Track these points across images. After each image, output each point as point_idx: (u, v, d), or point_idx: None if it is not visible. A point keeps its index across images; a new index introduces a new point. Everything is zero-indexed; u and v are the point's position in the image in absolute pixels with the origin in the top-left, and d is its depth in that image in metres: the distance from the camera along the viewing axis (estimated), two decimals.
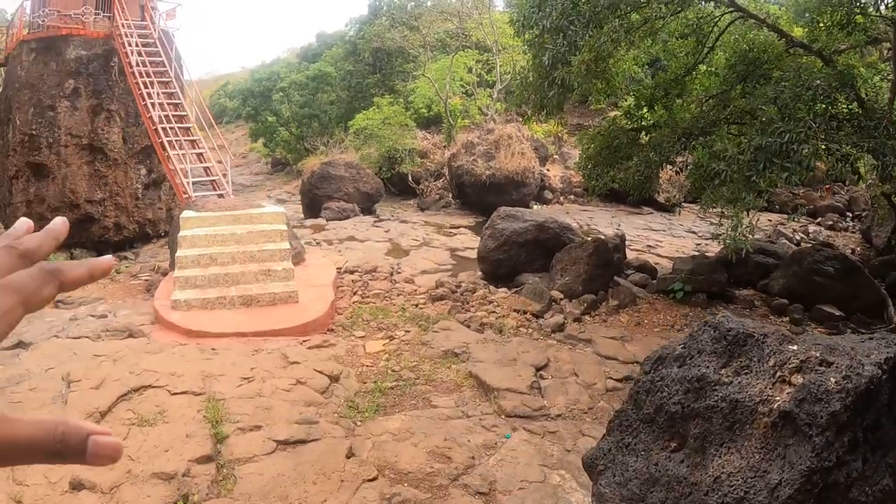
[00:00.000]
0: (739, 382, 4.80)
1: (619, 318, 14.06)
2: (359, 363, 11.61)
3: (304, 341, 12.17)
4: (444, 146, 34.95)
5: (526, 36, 15.60)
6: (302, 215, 29.14)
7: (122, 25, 22.24)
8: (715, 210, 13.23)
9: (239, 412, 8.88)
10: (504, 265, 17.06)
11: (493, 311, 14.69)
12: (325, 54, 47.51)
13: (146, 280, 18.08)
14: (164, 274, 17.65)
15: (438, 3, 42.78)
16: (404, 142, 33.24)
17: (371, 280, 16.99)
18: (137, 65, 21.01)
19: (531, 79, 16.11)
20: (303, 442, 8.16)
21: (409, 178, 32.97)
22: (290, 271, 14.29)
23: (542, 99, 15.56)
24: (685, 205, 30.48)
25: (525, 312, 14.50)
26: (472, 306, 15.17)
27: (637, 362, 11.37)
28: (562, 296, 14.93)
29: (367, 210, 29.50)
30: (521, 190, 29.20)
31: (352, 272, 17.55)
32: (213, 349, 11.42)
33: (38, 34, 24.08)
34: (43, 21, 23.96)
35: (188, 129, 20.34)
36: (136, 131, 23.79)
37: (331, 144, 34.82)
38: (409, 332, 13.21)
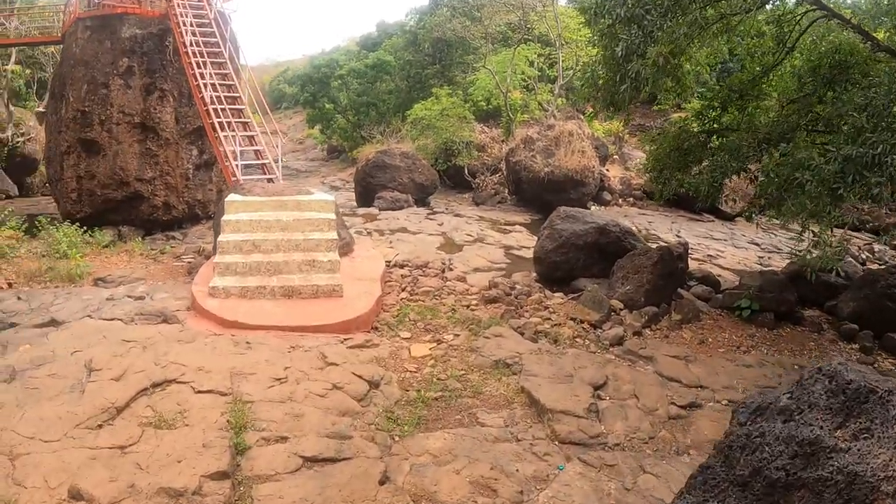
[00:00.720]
0: (859, 450, 3.82)
1: (681, 335, 12.97)
2: (402, 368, 10.72)
3: (346, 339, 11.33)
4: (502, 140, 34.04)
5: (597, 26, 14.52)
6: (354, 203, 28.58)
7: (178, 5, 21.73)
8: (774, 221, 12.09)
9: (266, 418, 8.06)
10: (561, 268, 16.08)
11: (549, 318, 13.59)
12: (385, 43, 46.78)
13: (189, 262, 17.44)
14: (208, 257, 16.98)
15: None
16: (462, 134, 32.32)
17: (421, 276, 16.12)
18: (191, 44, 20.41)
19: (600, 72, 15.05)
20: (332, 460, 7.26)
21: (465, 172, 32.06)
22: (336, 263, 13.46)
23: (613, 94, 14.50)
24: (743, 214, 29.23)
25: (582, 322, 13.33)
26: (527, 311, 14.13)
27: (701, 386, 10.37)
28: (622, 306, 13.84)
29: (421, 202, 28.69)
30: (580, 189, 28.14)
31: (402, 266, 16.71)
32: (247, 343, 10.63)
33: (93, 12, 23.78)
34: None
35: (241, 110, 19.65)
36: (189, 112, 23.24)
37: (387, 134, 34.02)
38: (458, 336, 12.25)
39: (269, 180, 17.52)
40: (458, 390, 9.88)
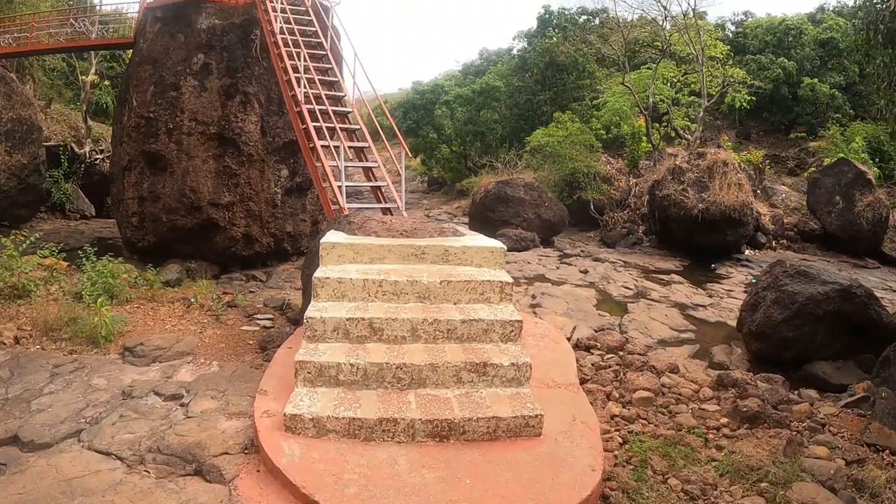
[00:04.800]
0: None
1: None
2: None
3: None
4: (629, 172, 27.12)
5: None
6: None
7: None
8: None
9: None
10: (793, 346, 10.66)
11: (836, 446, 7.51)
12: (490, 70, 40.36)
13: (264, 327, 10.73)
14: (294, 321, 10.33)
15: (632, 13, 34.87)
16: (589, 164, 25.26)
17: (620, 365, 9.29)
18: (282, 32, 13.76)
19: None
20: None
21: (591, 207, 24.95)
22: (526, 368, 6.38)
23: None
24: None
25: (882, 450, 7.55)
26: (801, 432, 7.86)
27: None
28: None
29: (547, 241, 21.95)
30: (738, 230, 21.43)
31: (587, 348, 9.80)
32: None
33: (164, 0, 17.20)
34: None
35: (346, 115, 12.98)
36: (279, 122, 16.52)
37: (506, 163, 27.03)
38: None
39: (387, 211, 10.70)
40: None
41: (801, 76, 32.70)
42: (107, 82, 30.49)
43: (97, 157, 27.26)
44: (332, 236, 7.83)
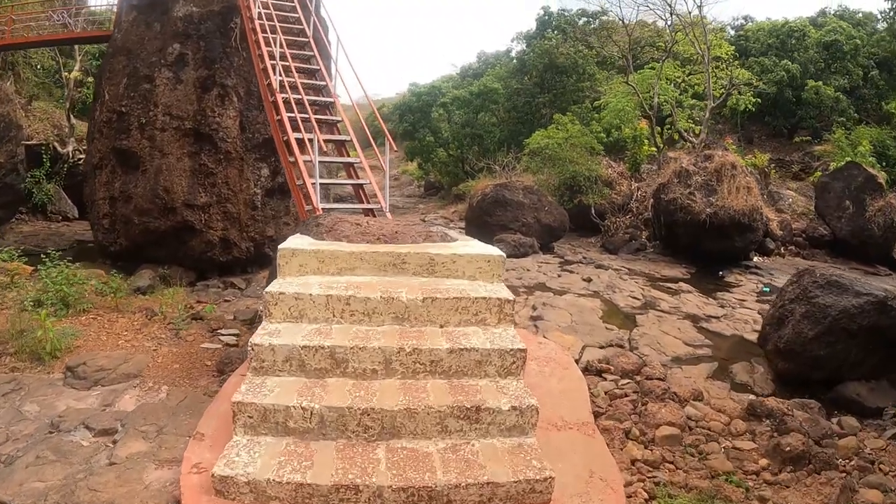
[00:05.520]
0: None
1: None
2: None
3: None
4: (630, 176, 25.70)
5: None
6: None
7: None
8: None
9: None
10: (825, 365, 9.44)
11: (889, 488, 6.37)
12: (488, 72, 39.00)
13: (227, 345, 9.25)
14: None
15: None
16: (590, 168, 23.82)
17: (637, 392, 7.86)
18: (260, 17, 12.26)
19: None
20: None
21: (592, 212, 23.49)
22: (530, 413, 4.80)
23: None
24: None
25: None
26: (850, 473, 6.62)
27: None
28: None
29: (546, 247, 20.49)
30: (747, 236, 19.93)
31: (599, 372, 8.36)
32: None
33: None
34: None
35: (327, 106, 11.52)
36: (260, 117, 15.03)
37: (504, 166, 25.48)
38: None
39: (370, 212, 9.21)
40: None
41: (804, 79, 31.39)
42: (90, 79, 28.99)
43: (80, 156, 25.70)
44: (294, 241, 6.32)
